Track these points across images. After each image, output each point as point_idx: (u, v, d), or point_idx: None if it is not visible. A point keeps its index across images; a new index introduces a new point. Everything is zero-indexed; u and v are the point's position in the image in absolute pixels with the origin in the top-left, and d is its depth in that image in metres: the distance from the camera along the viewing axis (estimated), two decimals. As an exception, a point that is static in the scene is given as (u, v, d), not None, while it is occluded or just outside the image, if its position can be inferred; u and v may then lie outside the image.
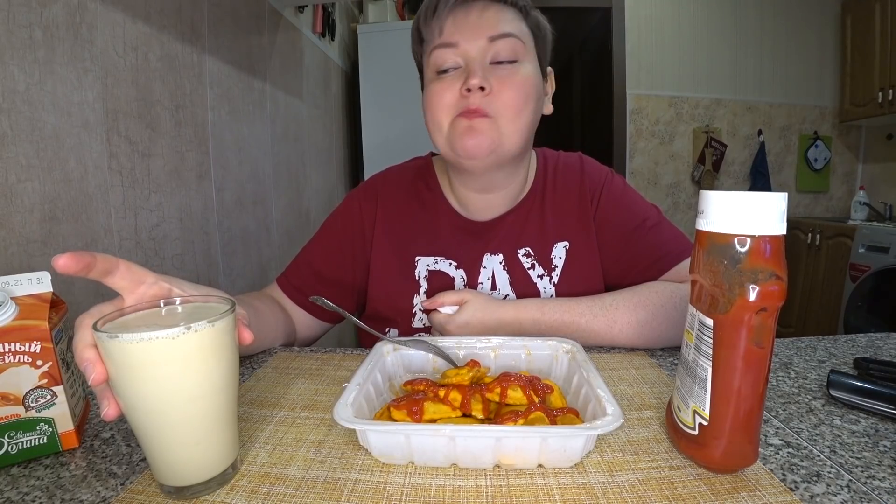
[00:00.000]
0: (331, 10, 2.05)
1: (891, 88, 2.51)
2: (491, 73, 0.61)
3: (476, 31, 0.62)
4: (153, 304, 0.37)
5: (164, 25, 0.93)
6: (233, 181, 1.23)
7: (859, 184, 3.12)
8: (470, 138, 0.61)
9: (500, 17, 0.62)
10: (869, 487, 0.34)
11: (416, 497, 0.34)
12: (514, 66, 0.62)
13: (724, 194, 0.33)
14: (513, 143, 0.63)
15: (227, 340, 0.35)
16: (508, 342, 0.53)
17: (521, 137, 0.64)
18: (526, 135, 0.65)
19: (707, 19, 2.96)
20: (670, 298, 0.63)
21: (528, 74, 0.63)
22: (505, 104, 0.61)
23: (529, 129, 0.65)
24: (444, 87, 0.63)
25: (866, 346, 0.63)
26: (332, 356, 0.62)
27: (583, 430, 0.35)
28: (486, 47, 0.62)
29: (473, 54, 0.62)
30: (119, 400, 0.33)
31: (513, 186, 0.72)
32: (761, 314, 0.32)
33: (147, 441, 0.33)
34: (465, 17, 0.62)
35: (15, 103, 0.62)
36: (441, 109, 0.63)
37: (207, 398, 0.33)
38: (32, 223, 0.65)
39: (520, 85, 0.62)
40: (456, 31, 0.62)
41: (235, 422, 0.37)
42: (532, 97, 0.63)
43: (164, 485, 0.34)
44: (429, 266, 0.72)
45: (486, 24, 0.62)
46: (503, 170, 0.68)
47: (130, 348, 0.30)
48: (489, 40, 0.61)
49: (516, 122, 0.62)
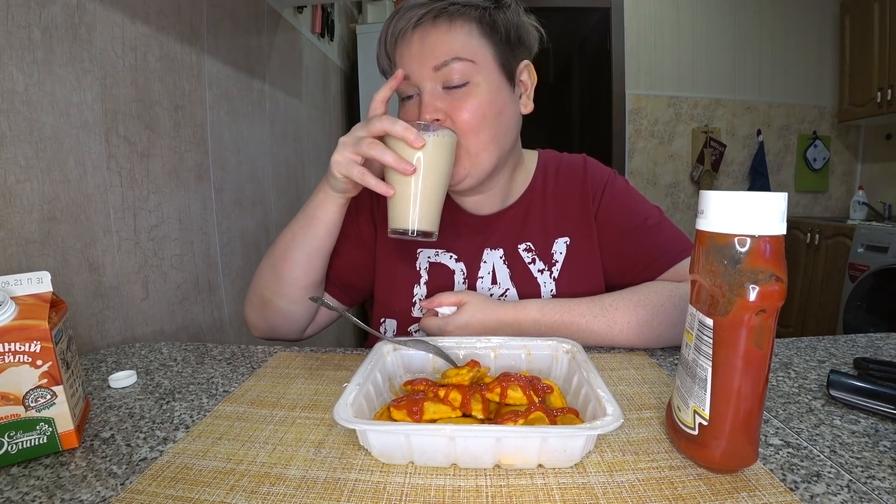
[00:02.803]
0: (330, 11, 2.05)
1: (889, 88, 2.51)
2: (444, 98, 0.61)
3: (420, 61, 0.61)
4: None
5: (162, 26, 0.93)
6: (232, 182, 1.23)
7: (858, 183, 3.12)
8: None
9: (443, 41, 0.60)
10: (869, 487, 0.34)
11: (416, 497, 0.34)
12: (466, 87, 0.61)
13: (724, 194, 0.33)
14: (484, 159, 0.64)
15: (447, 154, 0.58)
16: (508, 342, 0.53)
17: (493, 152, 0.64)
18: (498, 147, 0.65)
19: (706, 19, 2.96)
20: (670, 298, 0.63)
21: (482, 93, 0.62)
22: (463, 128, 0.61)
23: (499, 141, 0.64)
24: (407, 117, 0.64)
25: (866, 346, 0.63)
26: (332, 356, 0.62)
27: (583, 430, 0.35)
28: (433, 76, 0.61)
29: (425, 85, 0.61)
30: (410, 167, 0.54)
31: (503, 187, 0.73)
32: (761, 314, 0.33)
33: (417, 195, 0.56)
34: (409, 48, 0.62)
35: (14, 104, 0.62)
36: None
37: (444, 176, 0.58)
38: (31, 223, 0.65)
39: (475, 107, 0.61)
40: (407, 63, 0.62)
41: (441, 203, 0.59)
42: (491, 113, 0.63)
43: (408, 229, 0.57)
44: (430, 258, 0.73)
45: (429, 54, 0.61)
46: (487, 181, 0.68)
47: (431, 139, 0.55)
48: (434, 69, 0.61)
49: (480, 140, 0.62)
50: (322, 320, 0.76)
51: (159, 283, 0.92)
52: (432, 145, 0.55)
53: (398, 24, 0.62)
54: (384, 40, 0.65)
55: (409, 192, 0.56)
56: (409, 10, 0.61)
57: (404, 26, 0.61)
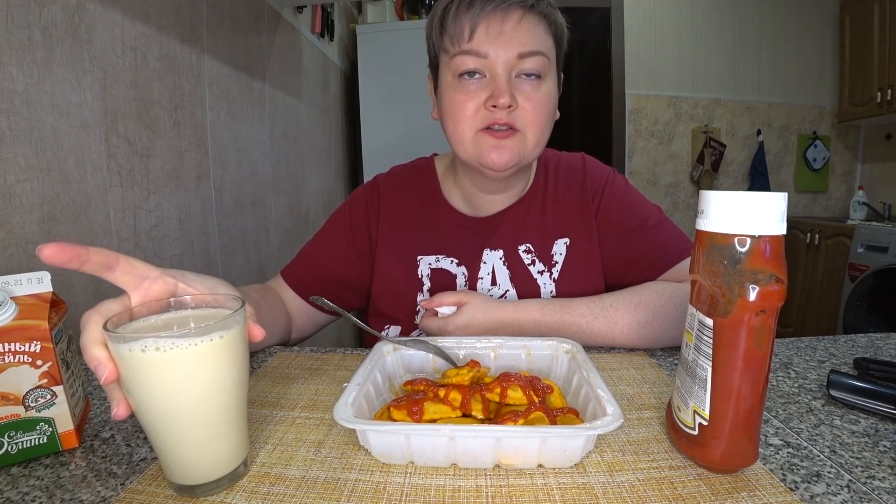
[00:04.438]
0: (330, 11, 2.05)
1: (889, 88, 2.52)
2: (516, 87, 0.61)
3: (508, 45, 0.59)
4: (162, 304, 0.37)
5: (162, 26, 0.93)
6: (232, 182, 1.23)
7: (858, 183, 3.12)
8: (498, 156, 0.62)
9: (533, 32, 0.61)
10: (869, 487, 0.34)
11: (416, 497, 0.34)
12: (538, 81, 0.62)
13: (725, 194, 0.33)
14: (534, 154, 0.65)
15: (239, 344, 0.35)
16: (508, 342, 0.53)
17: (541, 148, 0.66)
18: (544, 145, 0.67)
19: (706, 19, 2.96)
20: (670, 298, 0.63)
21: (549, 90, 0.63)
22: (530, 119, 0.62)
23: (545, 139, 0.66)
24: (467, 97, 0.62)
25: (866, 346, 0.63)
26: (332, 356, 0.62)
27: (583, 430, 0.35)
28: (514, 62, 0.60)
29: (500, 69, 0.60)
30: (130, 399, 0.33)
31: (519, 186, 0.74)
32: (761, 314, 0.33)
33: (158, 440, 0.33)
34: (500, 28, 0.59)
35: (14, 104, 0.62)
36: (463, 121, 0.62)
37: (218, 399, 0.34)
38: (31, 224, 0.65)
39: (543, 101, 0.62)
40: (486, 41, 0.60)
41: (245, 420, 0.37)
42: (552, 112, 0.65)
43: (175, 483, 0.35)
44: (431, 265, 0.73)
45: (519, 39, 0.60)
46: (518, 174, 0.69)
47: (142, 356, 0.31)
48: (519, 56, 0.60)
49: (539, 136, 0.64)
50: (306, 325, 0.76)
51: (159, 283, 0.92)
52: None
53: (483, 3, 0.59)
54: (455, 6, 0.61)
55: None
56: None
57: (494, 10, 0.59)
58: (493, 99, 0.60)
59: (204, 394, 0.33)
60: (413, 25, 2.22)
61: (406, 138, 2.23)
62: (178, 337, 0.31)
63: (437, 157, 0.82)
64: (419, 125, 2.18)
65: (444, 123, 0.66)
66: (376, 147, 2.27)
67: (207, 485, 0.34)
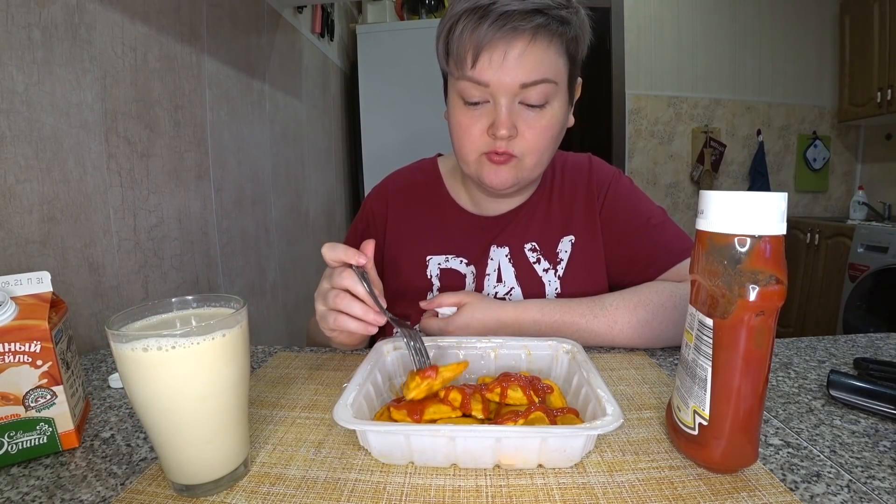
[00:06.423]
0: (330, 11, 2.05)
1: (889, 88, 2.51)
2: (518, 115, 0.61)
3: (511, 75, 0.57)
4: (164, 303, 0.38)
5: (162, 26, 0.93)
6: (232, 182, 1.23)
7: (858, 183, 3.12)
8: (495, 177, 0.64)
9: (540, 59, 0.58)
10: (869, 487, 0.34)
11: (416, 497, 0.34)
12: (542, 109, 0.61)
13: (725, 194, 0.33)
14: (534, 174, 0.66)
15: (240, 344, 0.35)
16: (508, 342, 0.53)
17: (542, 167, 0.66)
18: (546, 164, 0.67)
19: (706, 19, 2.96)
20: (670, 298, 0.63)
21: (554, 114, 0.62)
22: (529, 147, 0.62)
23: (550, 155, 0.66)
24: (471, 122, 0.62)
25: (866, 346, 0.63)
26: (332, 356, 0.62)
27: (583, 430, 0.35)
28: (517, 92, 0.59)
29: (502, 99, 0.59)
30: (131, 399, 0.33)
31: (525, 194, 0.75)
32: (761, 315, 0.33)
33: (159, 439, 0.34)
34: (503, 57, 0.57)
35: (14, 104, 0.62)
36: (467, 143, 0.63)
37: (219, 398, 0.34)
38: (31, 224, 0.65)
39: (545, 128, 0.62)
40: (489, 70, 0.58)
41: (246, 420, 0.37)
42: (556, 135, 0.64)
43: (175, 483, 0.35)
44: (440, 265, 0.74)
45: (523, 69, 0.57)
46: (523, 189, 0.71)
47: (144, 355, 0.31)
48: (521, 87, 0.58)
49: (538, 160, 0.64)
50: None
51: (159, 283, 0.92)
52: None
53: (488, 28, 0.56)
54: (475, 22, 0.57)
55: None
56: (506, 16, 0.56)
57: (498, 33, 0.56)
58: (494, 128, 0.60)
59: (205, 393, 0.33)
60: (413, 25, 2.22)
61: (406, 138, 2.23)
62: (180, 336, 0.31)
63: (440, 157, 0.82)
64: (419, 125, 2.18)
65: (451, 137, 0.67)
66: (376, 147, 2.27)
67: (207, 484, 0.34)
